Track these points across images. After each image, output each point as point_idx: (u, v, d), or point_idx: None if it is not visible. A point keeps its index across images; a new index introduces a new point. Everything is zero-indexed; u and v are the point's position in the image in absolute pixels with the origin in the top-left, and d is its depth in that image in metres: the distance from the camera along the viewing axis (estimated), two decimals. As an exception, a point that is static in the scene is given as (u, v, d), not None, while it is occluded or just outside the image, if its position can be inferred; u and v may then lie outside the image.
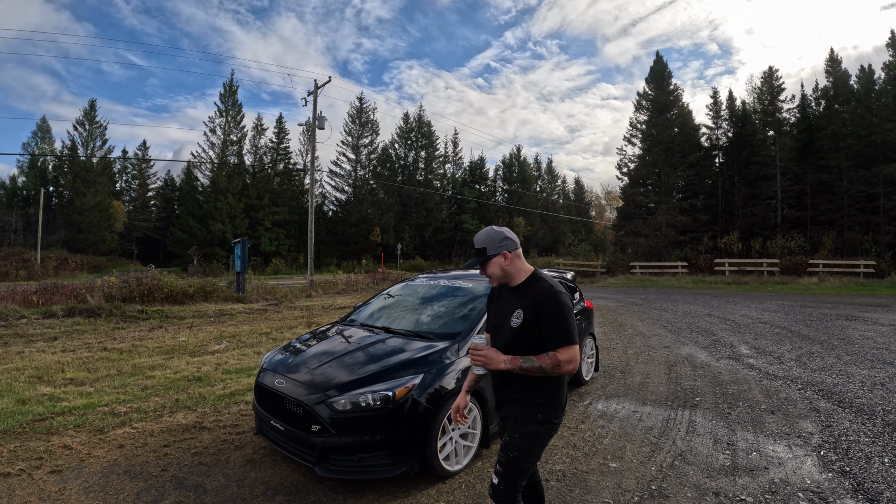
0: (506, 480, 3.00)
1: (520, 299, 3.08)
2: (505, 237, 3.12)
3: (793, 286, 28.24)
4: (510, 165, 78.16)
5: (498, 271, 3.13)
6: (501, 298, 3.25)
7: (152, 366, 9.01)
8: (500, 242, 3.12)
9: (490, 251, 3.11)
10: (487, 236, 3.14)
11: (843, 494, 4.35)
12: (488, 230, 3.18)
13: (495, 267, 3.13)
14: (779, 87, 46.24)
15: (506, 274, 3.15)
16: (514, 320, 3.05)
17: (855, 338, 11.66)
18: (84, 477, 4.71)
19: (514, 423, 3.07)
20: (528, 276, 3.15)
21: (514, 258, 3.13)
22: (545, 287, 3.02)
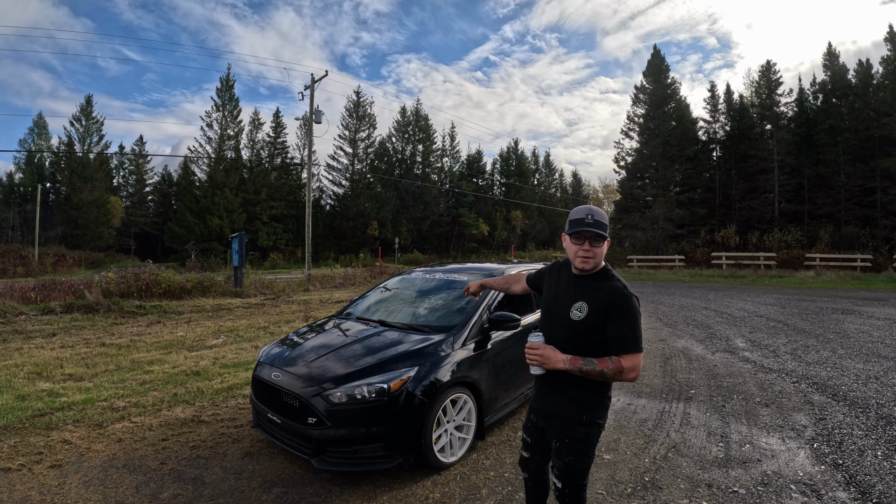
0: (568, 483, 2.99)
1: (586, 291, 2.94)
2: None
3: (789, 280, 28.27)
4: (508, 159, 78.13)
5: (602, 255, 2.93)
6: (559, 283, 3.11)
7: (150, 361, 9.04)
8: (608, 225, 2.98)
9: (607, 232, 2.91)
10: (603, 214, 2.92)
11: (836, 487, 4.39)
12: (598, 209, 2.92)
13: (603, 250, 2.93)
14: (776, 80, 46.25)
15: (598, 259, 2.94)
16: (575, 313, 2.92)
17: (850, 332, 11.70)
18: (84, 471, 4.75)
19: (560, 426, 3.00)
20: (601, 270, 2.99)
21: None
22: (620, 287, 2.89)
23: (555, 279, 3.16)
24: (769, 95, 46.09)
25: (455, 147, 72.99)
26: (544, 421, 3.12)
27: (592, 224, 2.83)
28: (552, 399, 3.05)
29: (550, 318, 3.07)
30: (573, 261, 2.97)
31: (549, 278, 3.22)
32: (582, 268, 2.94)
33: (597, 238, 2.87)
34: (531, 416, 3.24)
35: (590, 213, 2.86)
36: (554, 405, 3.04)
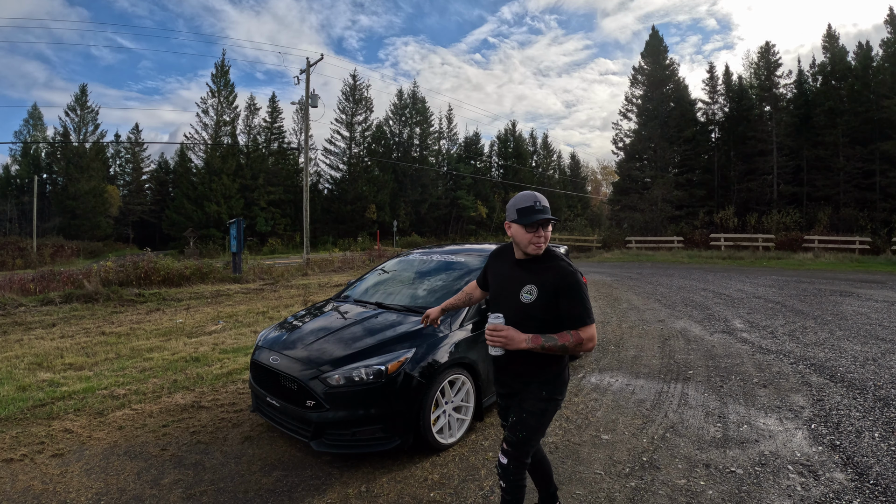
0: (514, 459, 3.07)
1: (532, 275, 3.04)
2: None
3: (788, 261, 28.26)
4: (505, 141, 77.79)
5: (548, 239, 3.04)
6: (504, 270, 3.19)
7: (150, 348, 9.06)
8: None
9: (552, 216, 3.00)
10: (545, 199, 3.01)
11: (833, 468, 4.41)
12: (539, 194, 3.00)
13: (550, 233, 3.05)
14: (776, 62, 46.02)
15: (547, 243, 3.05)
16: (525, 296, 3.01)
17: (848, 313, 11.71)
18: (85, 459, 4.77)
19: (520, 402, 3.11)
20: (545, 251, 3.08)
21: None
22: (565, 266, 3.02)
23: (498, 268, 3.23)
24: (768, 77, 45.87)
25: (452, 129, 72.67)
26: (508, 400, 3.26)
27: (542, 210, 2.94)
28: (513, 378, 3.17)
29: (501, 304, 3.13)
30: (525, 247, 3.02)
31: (492, 269, 3.28)
32: (535, 254, 3.02)
33: (547, 223, 2.97)
34: (499, 401, 3.34)
35: (536, 199, 2.95)
36: (516, 384, 3.16)
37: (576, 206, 78.44)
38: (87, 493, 4.16)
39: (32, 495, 4.14)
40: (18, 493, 4.17)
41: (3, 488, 4.24)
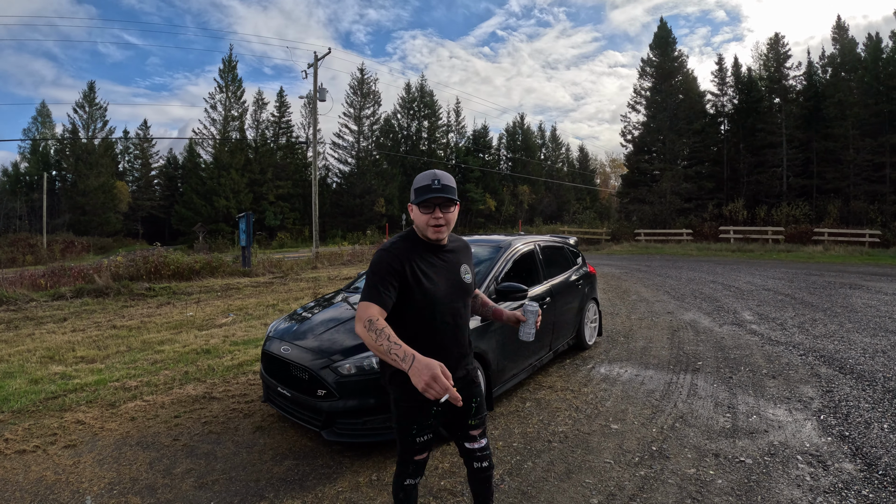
0: (485, 436, 3.10)
1: (458, 255, 2.97)
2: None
3: (797, 254, 28.16)
4: (514, 134, 77.61)
5: (453, 222, 2.85)
6: (428, 260, 2.81)
7: (161, 341, 9.12)
8: (456, 188, 2.85)
9: (456, 195, 2.81)
10: (450, 178, 2.80)
11: (842, 458, 4.40)
12: (444, 172, 2.78)
13: (454, 216, 2.85)
14: (785, 54, 45.65)
15: (451, 227, 2.87)
16: (467, 277, 2.95)
17: (858, 306, 11.66)
18: (98, 450, 4.81)
19: (473, 381, 3.03)
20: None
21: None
22: (464, 240, 3.12)
23: (420, 261, 2.79)
24: (777, 69, 45.52)
25: (460, 122, 72.50)
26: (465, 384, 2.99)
27: (440, 189, 2.70)
28: (466, 364, 3.01)
29: (451, 291, 2.88)
30: (424, 231, 2.79)
31: (412, 261, 2.76)
32: (436, 238, 2.80)
33: (447, 203, 2.76)
34: (434, 409, 2.89)
35: (435, 177, 2.73)
36: (467, 369, 3.02)
37: (584, 199, 78.28)
38: (100, 483, 4.20)
39: (45, 486, 4.18)
40: (31, 483, 4.21)
41: (16, 479, 4.28)
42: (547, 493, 3.96)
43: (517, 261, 6.53)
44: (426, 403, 2.79)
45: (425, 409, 2.82)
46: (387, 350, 2.33)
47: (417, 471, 2.96)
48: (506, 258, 6.27)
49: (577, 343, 7.93)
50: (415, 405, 2.79)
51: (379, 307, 2.54)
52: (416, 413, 2.82)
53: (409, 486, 2.96)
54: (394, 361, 2.30)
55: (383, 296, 2.59)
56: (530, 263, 6.88)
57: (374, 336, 2.38)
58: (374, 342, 2.37)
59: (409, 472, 2.94)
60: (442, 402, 2.12)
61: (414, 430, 2.84)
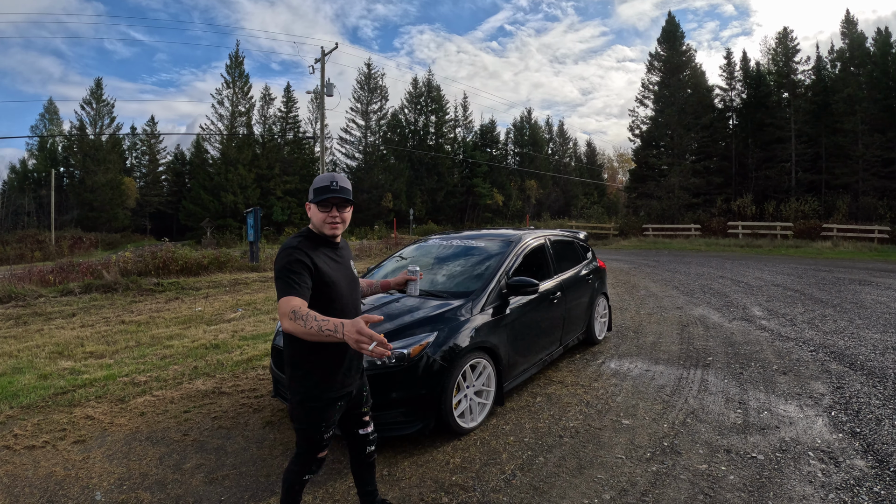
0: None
1: (347, 251, 3.20)
2: None
3: (806, 250, 28.06)
4: (521, 128, 77.61)
5: (348, 221, 3.06)
6: (325, 254, 2.96)
7: (170, 336, 9.14)
8: (352, 190, 3.03)
9: (351, 196, 3.01)
10: (346, 180, 3.00)
11: (853, 455, 4.38)
12: (341, 175, 2.98)
13: (349, 215, 3.05)
14: (794, 48, 45.44)
15: (346, 225, 3.07)
16: (356, 271, 3.24)
17: (868, 302, 11.60)
18: (107, 445, 4.82)
19: (364, 374, 3.29)
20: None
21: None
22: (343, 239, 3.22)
23: (322, 256, 2.94)
24: (786, 63, 45.33)
25: (468, 117, 72.36)
26: (358, 384, 3.20)
27: (339, 190, 2.89)
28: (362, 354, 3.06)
29: (349, 284, 3.09)
30: (321, 227, 2.96)
31: (315, 257, 2.88)
32: (332, 234, 2.98)
33: (343, 203, 2.95)
34: (338, 404, 3.02)
35: (333, 179, 2.92)
36: (358, 364, 3.15)
37: (592, 194, 78.01)
38: (110, 479, 4.20)
39: (55, 481, 4.18)
40: (41, 479, 4.22)
41: (25, 475, 4.28)
42: (559, 488, 3.94)
43: (527, 255, 6.51)
44: (332, 400, 2.96)
45: (332, 405, 2.97)
46: (318, 329, 2.41)
47: (318, 467, 3.12)
48: (516, 252, 6.25)
49: (587, 338, 7.90)
50: (322, 404, 2.92)
51: (299, 298, 2.63)
52: (325, 411, 2.94)
53: (307, 481, 3.13)
54: (329, 336, 2.39)
55: (299, 287, 2.68)
56: (541, 258, 6.86)
57: (303, 323, 2.44)
58: (305, 328, 2.44)
59: (312, 469, 3.08)
60: (371, 349, 2.21)
61: (322, 427, 2.96)
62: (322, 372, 2.91)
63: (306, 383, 2.90)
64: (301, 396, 2.92)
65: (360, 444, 3.31)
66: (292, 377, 2.95)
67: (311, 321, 2.43)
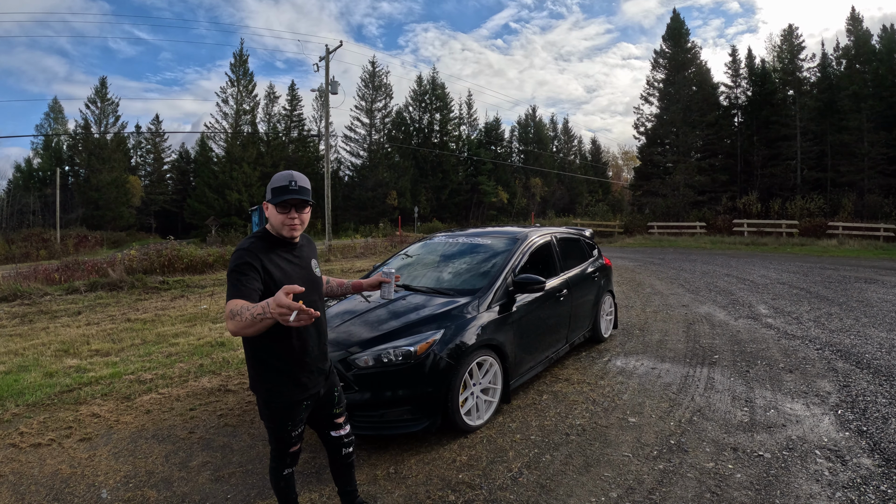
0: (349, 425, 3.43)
1: (307, 250, 3.13)
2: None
3: (812, 248, 27.97)
4: (526, 126, 77.48)
5: (307, 222, 2.98)
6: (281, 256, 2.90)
7: (176, 333, 9.16)
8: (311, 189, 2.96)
9: (310, 197, 2.91)
10: (305, 179, 2.91)
11: (860, 453, 4.37)
12: (300, 174, 2.87)
13: (308, 216, 2.98)
14: (799, 45, 45.31)
15: (305, 226, 2.99)
16: (317, 270, 3.16)
17: (874, 300, 11.56)
18: (113, 443, 4.83)
19: (332, 372, 3.28)
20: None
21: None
22: (307, 236, 3.22)
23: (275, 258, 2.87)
24: (791, 60, 45.19)
25: (473, 115, 72.24)
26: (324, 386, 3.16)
27: (297, 191, 2.80)
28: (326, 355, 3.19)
29: (310, 288, 2.98)
30: (279, 229, 2.88)
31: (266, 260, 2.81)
32: (290, 236, 2.90)
33: (302, 204, 2.87)
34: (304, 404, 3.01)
35: (292, 179, 2.82)
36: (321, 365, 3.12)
37: (597, 192, 77.91)
38: (116, 476, 4.21)
39: (61, 479, 4.19)
40: (47, 477, 4.23)
41: (31, 472, 4.30)
42: (566, 486, 3.94)
43: (534, 253, 6.50)
44: (297, 401, 2.95)
45: (296, 405, 2.97)
46: (252, 317, 2.35)
47: (294, 461, 3.17)
48: (522, 250, 6.23)
49: (593, 336, 7.88)
50: (286, 403, 2.93)
51: (241, 299, 2.55)
52: (289, 410, 2.95)
53: (288, 475, 3.17)
54: (261, 319, 2.33)
55: (245, 289, 2.62)
56: (547, 255, 6.85)
57: (239, 318, 2.39)
58: (241, 321, 2.38)
59: (287, 463, 3.13)
60: (292, 320, 2.17)
61: (289, 426, 2.98)
62: (280, 373, 2.88)
63: (266, 385, 2.90)
64: (264, 397, 2.93)
65: (334, 447, 3.32)
66: (253, 378, 2.97)
67: (244, 312, 2.39)
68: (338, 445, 3.29)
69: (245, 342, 2.90)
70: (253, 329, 2.39)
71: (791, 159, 43.01)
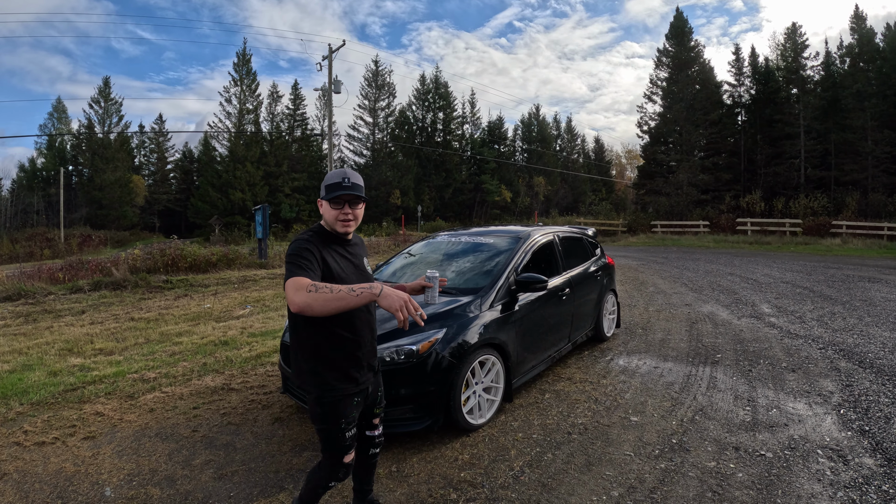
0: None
1: (359, 248, 3.14)
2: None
3: (815, 247, 27.93)
4: (529, 125, 77.39)
5: (360, 218, 3.03)
6: (337, 252, 2.93)
7: (179, 332, 9.17)
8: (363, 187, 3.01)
9: (364, 193, 2.97)
10: (358, 177, 2.97)
11: (862, 453, 4.36)
12: (353, 171, 2.96)
13: (361, 212, 3.02)
14: (802, 43, 45.14)
15: (358, 223, 3.03)
16: (369, 268, 3.16)
17: (877, 300, 11.54)
18: (117, 441, 4.84)
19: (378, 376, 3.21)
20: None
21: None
22: (359, 235, 3.19)
23: (331, 251, 2.91)
24: (795, 59, 45.05)
25: (475, 114, 71.99)
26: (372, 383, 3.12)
27: (350, 187, 2.86)
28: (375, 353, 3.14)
29: (360, 282, 2.93)
30: (333, 225, 2.93)
31: (325, 253, 2.85)
32: (344, 231, 2.94)
33: (356, 200, 2.92)
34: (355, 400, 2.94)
35: (346, 176, 2.88)
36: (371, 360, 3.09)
37: (600, 191, 77.88)
38: (119, 474, 4.22)
39: (64, 477, 4.20)
40: (51, 475, 4.24)
41: (35, 471, 4.31)
42: (567, 485, 3.94)
43: (536, 252, 6.51)
44: (349, 394, 2.88)
45: (348, 400, 2.89)
46: (347, 290, 2.44)
47: (346, 473, 3.00)
48: (525, 249, 6.24)
49: (595, 334, 7.89)
50: (339, 397, 2.84)
51: (308, 278, 2.59)
52: (343, 406, 2.86)
53: (332, 487, 3.04)
54: (361, 294, 2.44)
55: (308, 270, 2.65)
56: (549, 254, 6.86)
57: (327, 290, 2.44)
58: (330, 294, 2.43)
59: (338, 476, 2.97)
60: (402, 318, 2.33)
61: (343, 425, 2.86)
62: (334, 366, 2.85)
63: (320, 377, 2.83)
64: (317, 392, 2.83)
65: (365, 445, 3.26)
66: (307, 373, 2.87)
67: (335, 287, 2.45)
68: (368, 445, 3.26)
69: (299, 334, 2.86)
70: (336, 305, 2.43)
71: (795, 158, 42.90)
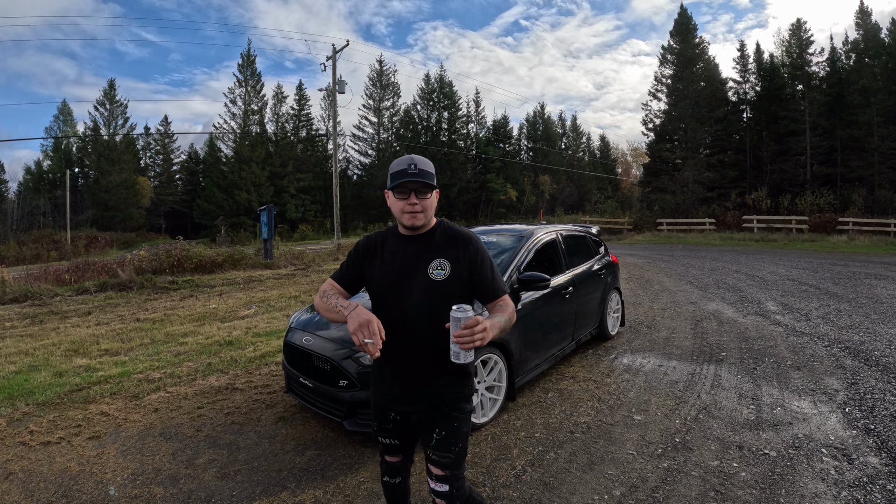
0: (456, 480, 2.62)
1: (433, 248, 2.62)
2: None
3: (822, 244, 27.77)
4: (534, 123, 77.11)
5: (431, 209, 2.61)
6: (395, 251, 2.65)
7: (184, 333, 9.20)
8: (434, 174, 2.60)
9: (434, 181, 2.55)
10: (427, 163, 2.56)
11: (867, 452, 4.35)
12: (421, 157, 2.53)
13: (432, 202, 2.60)
14: (808, 39, 44.88)
15: (429, 214, 2.61)
16: (437, 273, 2.54)
17: (883, 297, 11.47)
18: (121, 441, 4.86)
19: (447, 408, 2.60)
20: (437, 224, 2.72)
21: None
22: (467, 233, 2.69)
23: (383, 250, 2.69)
24: (800, 55, 44.78)
25: (480, 113, 71.84)
26: (422, 414, 2.63)
27: (416, 174, 2.46)
28: (432, 381, 2.60)
29: (405, 286, 2.57)
30: (399, 217, 2.58)
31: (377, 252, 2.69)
32: (412, 224, 2.55)
33: (423, 188, 2.52)
34: (391, 415, 2.71)
35: (412, 162, 2.49)
36: (435, 389, 2.60)
37: (606, 189, 77.62)
38: (123, 474, 4.24)
39: (69, 476, 4.23)
40: (56, 474, 4.27)
41: (40, 470, 4.33)
42: (569, 484, 3.94)
43: (539, 250, 6.50)
44: (382, 406, 2.74)
45: (384, 413, 2.74)
46: (334, 305, 2.48)
47: (389, 470, 2.88)
48: (528, 247, 6.24)
49: (599, 333, 7.89)
50: (375, 402, 2.80)
51: (335, 282, 2.71)
52: (378, 412, 2.77)
53: (387, 483, 2.92)
54: (338, 313, 2.45)
55: (341, 271, 2.75)
56: (553, 253, 6.85)
57: (325, 300, 2.55)
58: (325, 304, 2.53)
59: (383, 470, 2.91)
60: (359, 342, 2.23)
61: (376, 429, 2.82)
62: (376, 374, 2.77)
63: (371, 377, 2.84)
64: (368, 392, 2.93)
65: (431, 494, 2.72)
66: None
67: (330, 299, 2.49)
68: (432, 494, 2.68)
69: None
70: (327, 316, 2.57)
71: (800, 155, 42.69)
